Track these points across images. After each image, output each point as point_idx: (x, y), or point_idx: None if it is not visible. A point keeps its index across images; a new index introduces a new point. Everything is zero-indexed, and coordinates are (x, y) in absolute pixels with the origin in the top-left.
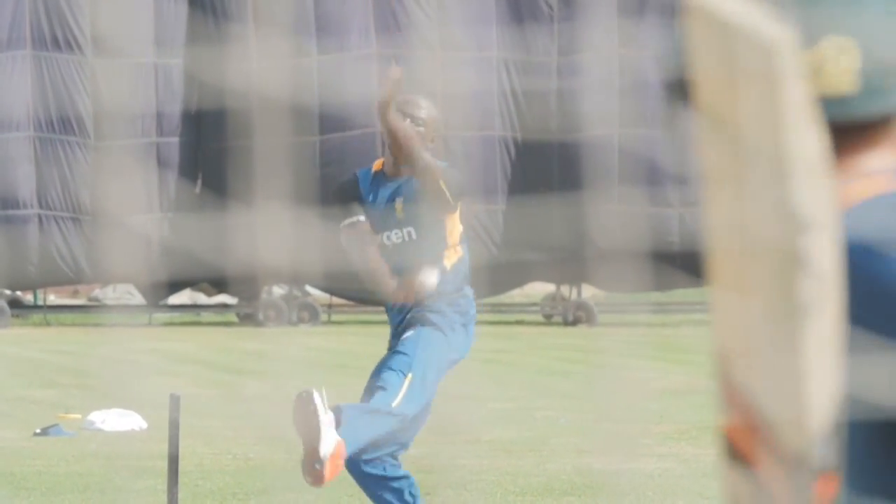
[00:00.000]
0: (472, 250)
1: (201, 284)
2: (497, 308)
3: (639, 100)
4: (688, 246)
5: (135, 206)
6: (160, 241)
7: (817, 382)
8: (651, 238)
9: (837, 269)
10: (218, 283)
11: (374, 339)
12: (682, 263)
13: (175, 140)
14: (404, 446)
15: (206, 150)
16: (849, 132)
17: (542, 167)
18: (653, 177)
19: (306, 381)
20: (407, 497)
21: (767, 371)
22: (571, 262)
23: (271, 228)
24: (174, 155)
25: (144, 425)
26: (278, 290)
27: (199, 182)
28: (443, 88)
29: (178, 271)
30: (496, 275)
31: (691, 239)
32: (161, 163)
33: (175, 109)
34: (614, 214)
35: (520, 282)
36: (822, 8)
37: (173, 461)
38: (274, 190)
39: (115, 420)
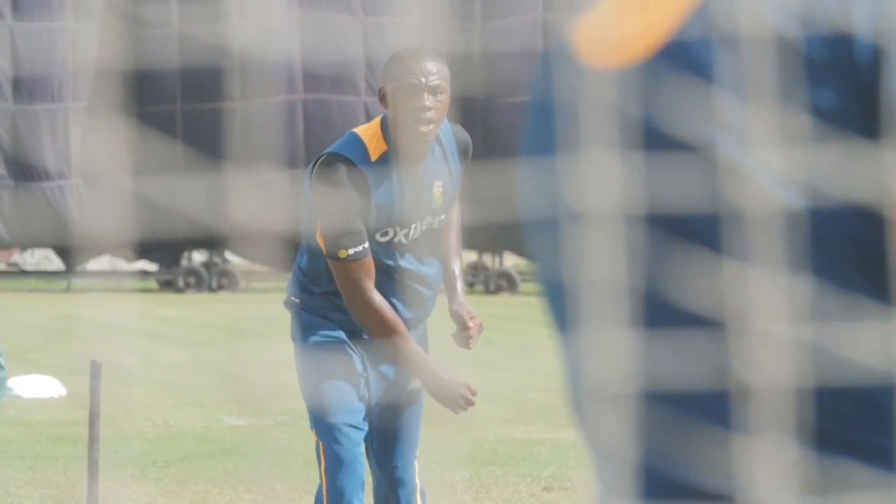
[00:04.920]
0: None
1: (121, 250)
2: None
3: None
4: None
5: (53, 170)
6: (80, 207)
7: None
8: None
9: None
10: (137, 249)
11: None
12: None
13: (94, 105)
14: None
15: (127, 114)
16: None
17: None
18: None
19: (226, 349)
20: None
21: None
22: (493, 231)
23: (195, 194)
24: (93, 119)
25: (64, 392)
26: (198, 257)
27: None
28: (366, 53)
29: (98, 237)
30: None
31: None
32: (80, 127)
33: (93, 73)
34: None
35: None
36: None
37: (93, 428)
38: (198, 155)
39: (34, 387)
